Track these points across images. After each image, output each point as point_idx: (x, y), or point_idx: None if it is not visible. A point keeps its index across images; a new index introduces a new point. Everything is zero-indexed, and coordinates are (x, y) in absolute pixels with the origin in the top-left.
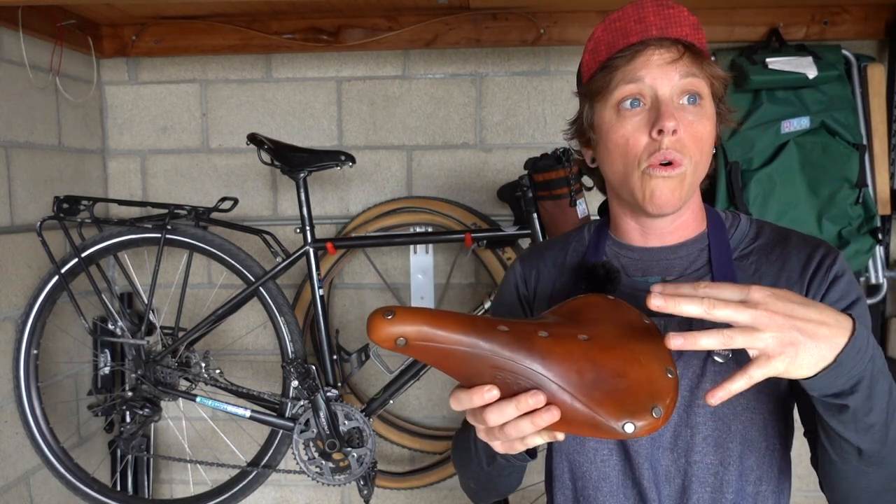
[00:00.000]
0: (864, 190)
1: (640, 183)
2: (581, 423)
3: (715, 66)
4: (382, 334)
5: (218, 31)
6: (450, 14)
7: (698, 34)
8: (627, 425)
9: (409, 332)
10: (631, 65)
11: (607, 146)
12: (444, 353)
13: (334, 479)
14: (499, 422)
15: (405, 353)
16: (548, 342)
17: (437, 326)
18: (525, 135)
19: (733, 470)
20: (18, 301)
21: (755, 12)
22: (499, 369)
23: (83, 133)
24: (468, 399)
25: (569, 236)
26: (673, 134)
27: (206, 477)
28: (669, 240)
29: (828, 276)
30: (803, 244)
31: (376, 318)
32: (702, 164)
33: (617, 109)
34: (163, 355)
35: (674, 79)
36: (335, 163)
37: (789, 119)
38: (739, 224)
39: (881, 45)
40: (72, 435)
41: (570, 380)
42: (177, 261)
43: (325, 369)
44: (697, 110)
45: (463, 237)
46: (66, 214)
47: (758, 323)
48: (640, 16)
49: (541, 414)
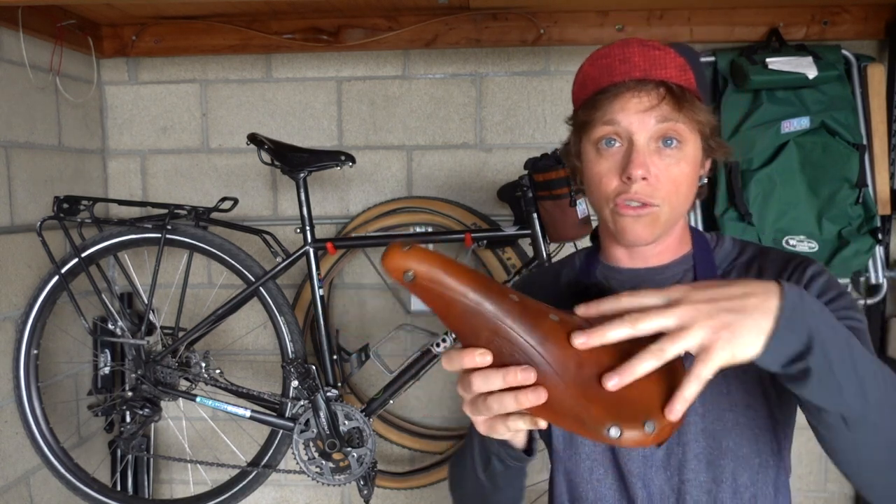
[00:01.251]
0: (864, 190)
1: (610, 218)
2: (566, 415)
3: (700, 109)
4: (394, 262)
5: (218, 31)
6: (450, 14)
7: (685, 75)
8: (613, 429)
9: (419, 269)
10: (611, 106)
11: (586, 179)
12: (447, 301)
13: (334, 479)
14: (482, 389)
15: (411, 288)
16: (555, 326)
17: (448, 272)
18: (525, 135)
19: (727, 487)
20: (18, 301)
21: (755, 12)
22: (497, 335)
23: (83, 133)
24: (459, 358)
25: (560, 264)
26: (643, 180)
27: (206, 477)
28: (655, 261)
29: (802, 276)
30: (780, 257)
31: (393, 247)
32: (679, 203)
33: (595, 147)
34: (163, 355)
35: (649, 124)
36: (335, 163)
37: (789, 119)
38: (724, 244)
39: (881, 45)
40: (72, 435)
41: (568, 368)
42: (177, 261)
43: (325, 369)
44: (675, 153)
45: (463, 237)
46: (66, 214)
47: (684, 320)
48: (625, 55)
49: (526, 392)
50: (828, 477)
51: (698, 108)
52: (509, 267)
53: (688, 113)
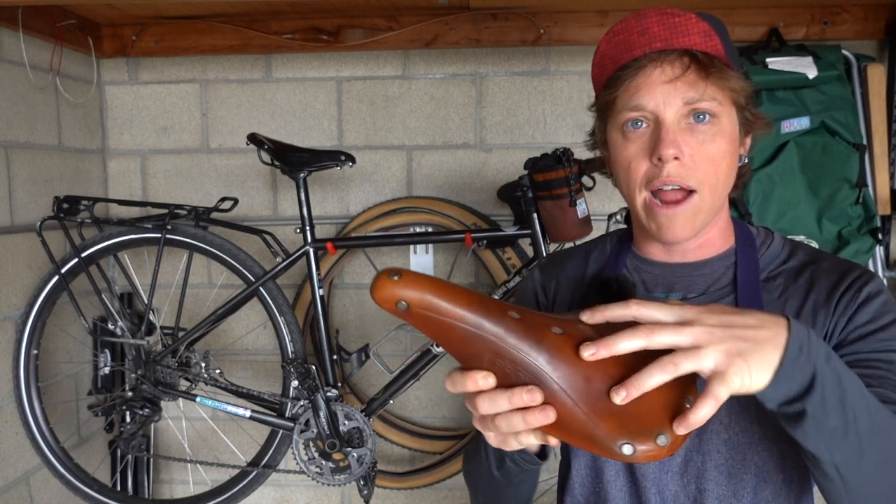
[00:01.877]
0: (864, 190)
1: (643, 213)
2: (576, 433)
3: (731, 76)
4: (385, 294)
5: (218, 31)
6: (450, 14)
7: (710, 41)
8: (626, 446)
9: (412, 298)
10: (634, 83)
11: (615, 166)
12: (444, 327)
13: (334, 479)
14: (489, 411)
15: (405, 318)
16: (559, 340)
17: (442, 297)
18: (525, 135)
19: (747, 501)
20: (18, 301)
21: (755, 12)
22: (500, 356)
23: (83, 133)
24: (462, 382)
25: (592, 246)
26: (675, 160)
27: (206, 477)
28: (693, 256)
29: (858, 295)
30: (835, 267)
31: (382, 277)
32: (720, 184)
33: (622, 130)
34: (163, 355)
35: (677, 99)
36: (335, 163)
37: (789, 119)
38: (772, 243)
39: (881, 45)
40: (72, 435)
41: (576, 384)
42: (177, 261)
43: (325, 369)
44: (708, 128)
45: (463, 237)
46: (66, 214)
47: (699, 341)
48: (643, 27)
49: (534, 413)
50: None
51: (729, 75)
52: (509, 267)
53: (718, 81)
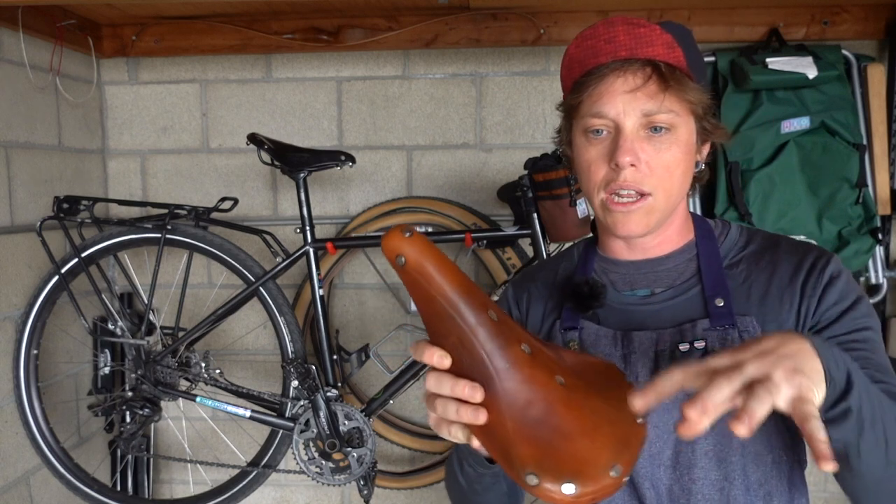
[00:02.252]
0: (863, 190)
1: (601, 211)
2: (496, 445)
3: (691, 88)
4: (391, 244)
5: (218, 31)
6: (450, 14)
7: (672, 52)
8: (530, 477)
9: (411, 257)
10: (597, 90)
11: (577, 166)
12: (428, 296)
13: (334, 479)
14: (432, 389)
15: (399, 272)
16: (523, 356)
17: (437, 269)
18: (525, 135)
19: (739, 484)
20: (18, 301)
21: (755, 12)
22: (463, 345)
23: (83, 133)
24: (421, 351)
25: (560, 257)
26: (632, 167)
27: (206, 477)
28: (654, 252)
29: (822, 277)
30: (794, 249)
31: (395, 230)
32: (674, 190)
33: (585, 134)
34: (163, 355)
35: (637, 110)
36: (335, 163)
37: (789, 119)
38: (729, 232)
39: (881, 45)
40: (72, 435)
41: (515, 402)
42: (177, 261)
43: (325, 369)
44: (665, 138)
45: (463, 237)
46: (66, 214)
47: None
48: (610, 35)
49: (467, 409)
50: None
51: (689, 87)
52: (509, 267)
53: (677, 92)
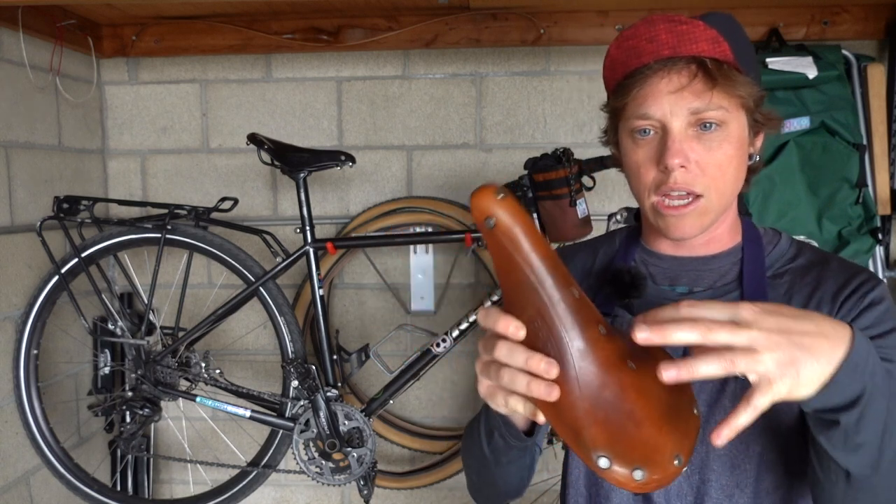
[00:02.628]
0: (864, 190)
1: (652, 215)
2: (567, 424)
3: (740, 82)
4: (483, 204)
5: (218, 31)
6: (450, 14)
7: (718, 47)
8: (602, 460)
9: (503, 221)
10: (641, 91)
11: (626, 168)
12: (512, 263)
13: (334, 479)
14: (503, 359)
15: (486, 235)
16: (600, 339)
17: (528, 237)
18: (525, 135)
19: (748, 492)
20: (18, 301)
21: (755, 12)
22: (542, 319)
23: (83, 133)
24: (495, 320)
25: (599, 241)
26: (682, 168)
27: (206, 477)
28: (701, 251)
29: (863, 300)
30: (843, 269)
31: (487, 189)
32: (727, 188)
33: (632, 136)
34: (163, 355)
35: (683, 109)
36: (335, 163)
37: (789, 119)
38: (779, 242)
39: (881, 45)
40: (72, 435)
41: (591, 382)
42: (177, 261)
43: (325, 369)
44: (715, 136)
45: (463, 237)
46: (66, 214)
47: (755, 344)
48: (651, 34)
49: (540, 383)
50: None
51: (738, 80)
52: None
53: (725, 88)
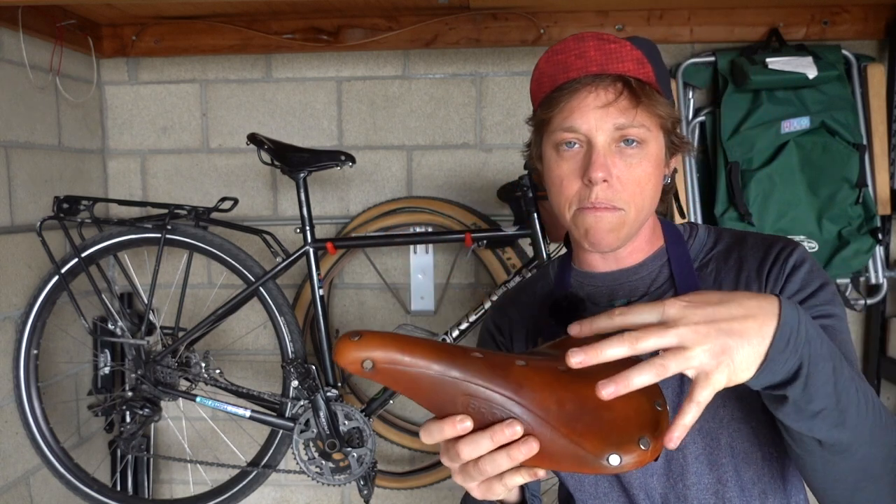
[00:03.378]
0: (864, 190)
1: (573, 222)
2: (563, 457)
3: (661, 103)
4: (349, 357)
5: (218, 31)
6: (450, 14)
7: (643, 69)
8: (612, 457)
9: (376, 356)
10: (569, 105)
11: (548, 181)
12: (412, 378)
13: (334, 479)
14: (472, 455)
15: (372, 377)
16: (525, 370)
17: (405, 351)
18: (525, 135)
19: (733, 486)
20: (18, 301)
21: (755, 12)
22: (472, 397)
23: (83, 133)
24: (439, 430)
25: (535, 278)
26: (604, 182)
27: (206, 477)
28: (628, 262)
29: (784, 266)
30: (759, 243)
31: (343, 340)
32: (646, 203)
33: (556, 149)
34: (163, 355)
35: (609, 124)
36: (335, 163)
37: (789, 119)
38: (697, 234)
39: (881, 45)
40: (72, 435)
41: (549, 410)
42: (177, 261)
43: (325, 369)
44: (636, 153)
45: (463, 237)
46: (66, 214)
47: (685, 341)
48: (580, 50)
49: (518, 446)
50: None
51: (659, 101)
52: (509, 267)
53: (648, 107)
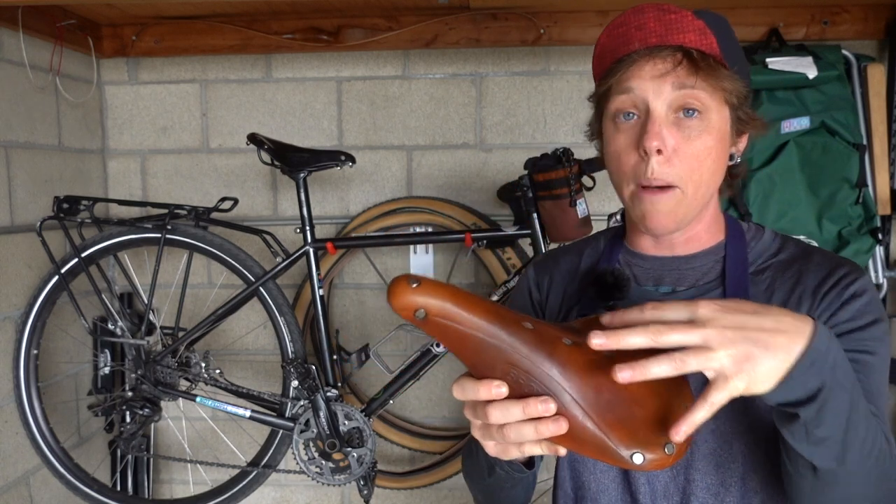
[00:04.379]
0: (864, 190)
1: (631, 203)
2: (587, 443)
3: (725, 76)
4: (403, 301)
5: (218, 31)
6: (450, 14)
7: (704, 39)
8: (636, 455)
9: (431, 306)
10: (626, 74)
11: (607, 159)
12: (461, 336)
13: (334, 479)
14: (500, 421)
15: (422, 326)
16: (571, 351)
17: (461, 306)
18: (525, 135)
19: (735, 491)
20: (18, 301)
21: (755, 12)
22: (513, 366)
23: (83, 133)
24: (474, 389)
25: (585, 243)
26: (659, 153)
27: (206, 477)
28: (681, 250)
29: (843, 293)
30: (825, 262)
31: (400, 283)
32: (704, 182)
33: (614, 121)
34: (163, 355)
35: (666, 91)
36: (335, 163)
37: (789, 119)
38: (762, 237)
39: (881, 45)
40: (72, 435)
41: (586, 395)
42: (177, 261)
43: (325, 369)
44: (696, 124)
45: (463, 237)
46: (66, 214)
47: (709, 342)
48: (640, 22)
49: (547, 423)
50: None
51: (722, 74)
52: (509, 267)
53: (708, 79)
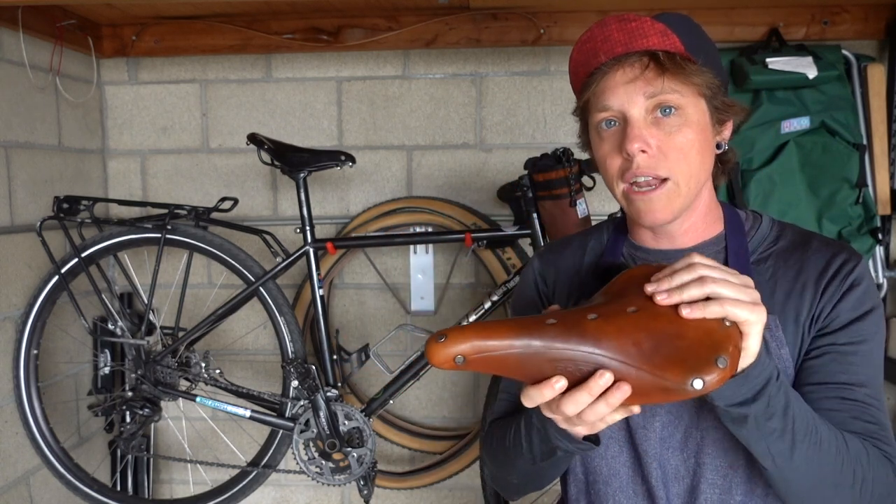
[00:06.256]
0: (864, 190)
1: (625, 201)
2: (651, 391)
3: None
4: (441, 357)
5: (218, 31)
6: (450, 14)
7: (667, 40)
8: (696, 381)
9: (464, 350)
10: (600, 86)
11: (597, 164)
12: (501, 360)
13: (334, 479)
14: (575, 411)
15: (467, 369)
16: (598, 323)
17: (487, 337)
18: (525, 135)
19: (742, 472)
20: (18, 301)
21: (755, 12)
22: (558, 361)
23: (83, 133)
24: (539, 394)
25: (588, 235)
26: (643, 153)
27: (206, 477)
28: (682, 242)
29: (844, 283)
30: (824, 248)
31: (431, 345)
32: (693, 171)
33: (597, 131)
34: (163, 355)
35: (639, 96)
36: (335, 163)
37: (789, 119)
38: (760, 225)
39: (881, 45)
40: (72, 435)
41: (630, 353)
42: (177, 261)
43: (325, 369)
44: (674, 120)
45: (463, 237)
46: (66, 214)
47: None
48: (605, 35)
49: (613, 393)
50: None
51: (690, 69)
52: (509, 267)
53: (677, 76)
